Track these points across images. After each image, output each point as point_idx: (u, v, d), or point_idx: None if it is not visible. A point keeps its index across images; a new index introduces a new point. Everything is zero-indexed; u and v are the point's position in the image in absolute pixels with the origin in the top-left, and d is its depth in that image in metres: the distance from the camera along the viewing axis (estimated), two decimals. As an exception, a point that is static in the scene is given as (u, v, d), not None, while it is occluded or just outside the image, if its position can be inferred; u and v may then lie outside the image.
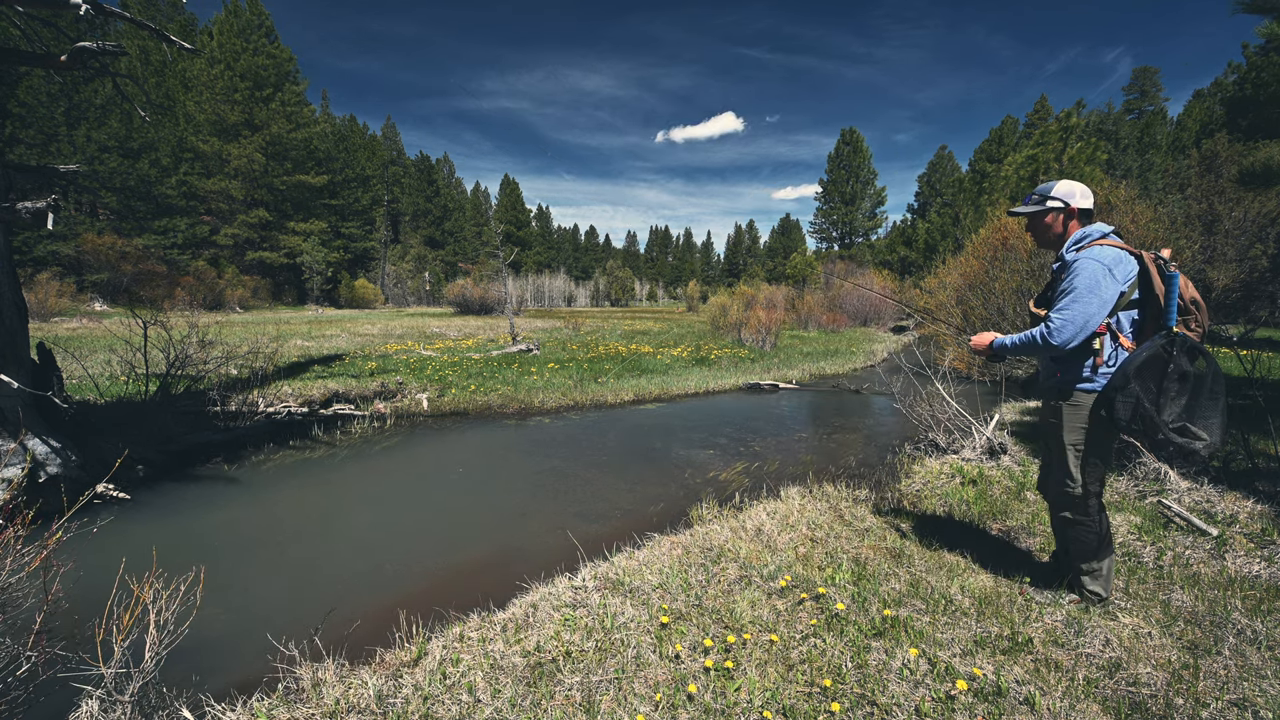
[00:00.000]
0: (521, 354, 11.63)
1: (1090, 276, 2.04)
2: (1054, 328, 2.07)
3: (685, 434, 6.36)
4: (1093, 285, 2.04)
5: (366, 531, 3.77)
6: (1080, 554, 2.33)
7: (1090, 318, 2.04)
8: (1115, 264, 2.05)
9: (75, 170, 4.72)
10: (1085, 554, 2.31)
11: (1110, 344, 2.12)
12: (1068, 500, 2.29)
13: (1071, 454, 2.23)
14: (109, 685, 1.75)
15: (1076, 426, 2.20)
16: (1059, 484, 2.31)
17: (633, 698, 1.86)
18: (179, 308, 18.04)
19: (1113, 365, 2.11)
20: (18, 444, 3.76)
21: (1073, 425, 2.20)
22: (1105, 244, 2.11)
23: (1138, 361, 1.97)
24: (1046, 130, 17.24)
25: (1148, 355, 1.97)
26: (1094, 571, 2.32)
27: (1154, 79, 48.76)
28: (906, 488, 4.12)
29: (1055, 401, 2.25)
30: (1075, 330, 2.05)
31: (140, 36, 30.34)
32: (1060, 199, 2.25)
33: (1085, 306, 2.04)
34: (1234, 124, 17.35)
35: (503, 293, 26.51)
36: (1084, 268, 2.06)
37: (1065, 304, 2.07)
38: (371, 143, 54.58)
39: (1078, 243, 2.20)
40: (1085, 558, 2.32)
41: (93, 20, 4.14)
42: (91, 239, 23.72)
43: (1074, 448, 2.22)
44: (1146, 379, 1.97)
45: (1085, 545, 2.30)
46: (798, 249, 56.98)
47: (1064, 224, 2.27)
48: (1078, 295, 2.05)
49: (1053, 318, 2.09)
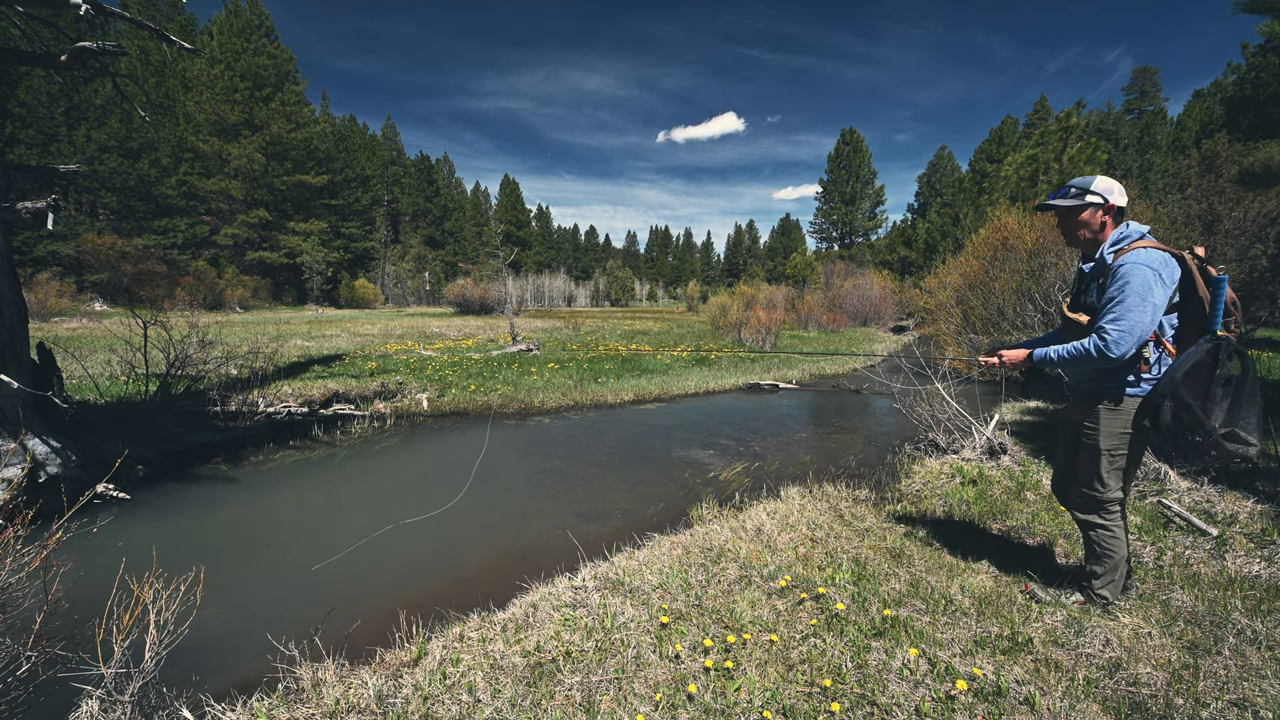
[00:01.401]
0: (521, 354, 11.63)
1: (1142, 283, 1.94)
2: (1111, 340, 1.97)
3: (685, 434, 6.36)
4: (1145, 293, 1.94)
5: (367, 531, 3.77)
6: (1096, 557, 2.30)
7: (1146, 328, 1.96)
8: (1163, 267, 1.97)
9: (75, 170, 4.72)
10: (1102, 557, 2.29)
11: (1155, 350, 2.06)
12: (1093, 504, 2.25)
13: (1106, 459, 2.17)
14: (109, 685, 1.75)
15: (1116, 432, 2.14)
16: (1085, 488, 2.26)
17: (633, 698, 1.86)
18: (179, 308, 18.03)
19: (1157, 370, 2.06)
20: (18, 444, 3.76)
21: (1111, 430, 2.14)
22: (1148, 245, 2.02)
23: (1184, 368, 1.91)
24: (1046, 130, 17.24)
25: (1195, 361, 1.90)
26: (1106, 575, 2.30)
27: (1154, 79, 48.78)
28: (906, 488, 4.12)
29: (1094, 405, 2.17)
30: (1133, 342, 1.96)
31: (140, 36, 30.34)
32: (1100, 194, 2.14)
33: (1141, 316, 1.94)
34: (1234, 124, 17.35)
35: (503, 293, 26.52)
36: (1134, 274, 1.96)
37: (1119, 314, 1.97)
38: (371, 143, 54.58)
39: (1117, 244, 2.10)
40: (1101, 561, 2.29)
41: (93, 20, 4.14)
42: (91, 239, 23.71)
43: (1109, 453, 2.16)
44: (1193, 385, 1.91)
45: (1104, 549, 2.27)
46: (798, 249, 56.99)
47: (1100, 221, 2.17)
48: (1130, 305, 1.95)
49: (1109, 329, 1.98)
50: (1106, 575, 2.30)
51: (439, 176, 60.39)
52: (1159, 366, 2.06)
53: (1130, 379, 2.09)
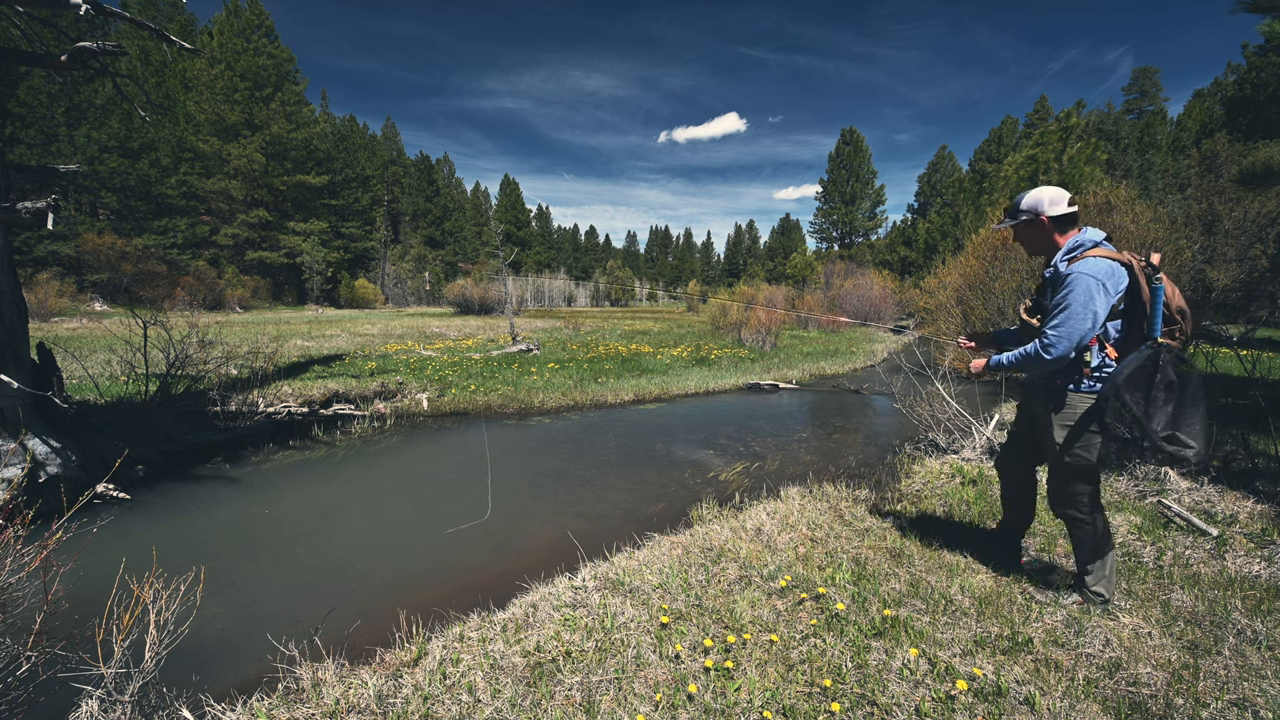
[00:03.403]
0: (521, 354, 11.63)
1: (1085, 292, 2.06)
2: (1049, 343, 2.12)
3: (685, 434, 6.36)
4: (1086, 301, 2.06)
5: (366, 531, 3.77)
6: (1084, 554, 2.35)
7: (1084, 334, 2.08)
8: (1108, 277, 2.07)
9: (75, 170, 4.72)
10: (1086, 553, 2.34)
11: (1097, 353, 2.16)
12: (1064, 500, 2.34)
13: (1066, 455, 2.26)
14: (109, 685, 1.75)
15: (1065, 427, 2.24)
16: (1055, 483, 2.37)
17: (633, 698, 1.86)
18: (179, 308, 18.04)
19: (1098, 371, 2.16)
20: (18, 444, 3.76)
21: (1062, 427, 2.25)
22: (1098, 254, 2.11)
23: (1126, 372, 2.01)
24: (1046, 130, 17.23)
25: (1135, 366, 2.00)
26: (1096, 571, 2.34)
27: (1154, 79, 48.77)
28: (906, 488, 4.12)
29: (1046, 403, 2.31)
30: (1069, 346, 2.10)
31: (140, 36, 30.36)
32: (1029, 210, 2.27)
33: (1080, 323, 2.07)
34: (1234, 124, 17.34)
35: (503, 293, 26.51)
36: (1078, 283, 2.07)
37: (1060, 320, 2.10)
38: (371, 143, 54.57)
39: (1070, 252, 2.19)
40: (1087, 557, 2.34)
41: (93, 20, 4.14)
42: (91, 239, 23.70)
43: (1067, 450, 2.25)
44: (1135, 389, 2.00)
45: (1085, 543, 2.33)
46: (798, 249, 56.99)
47: (1046, 234, 2.28)
48: (1072, 312, 2.07)
49: (1048, 334, 2.13)
50: (1098, 572, 2.34)
51: (439, 176, 60.38)
52: (1104, 369, 2.16)
53: (1075, 378, 2.21)
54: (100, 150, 26.82)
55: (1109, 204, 8.29)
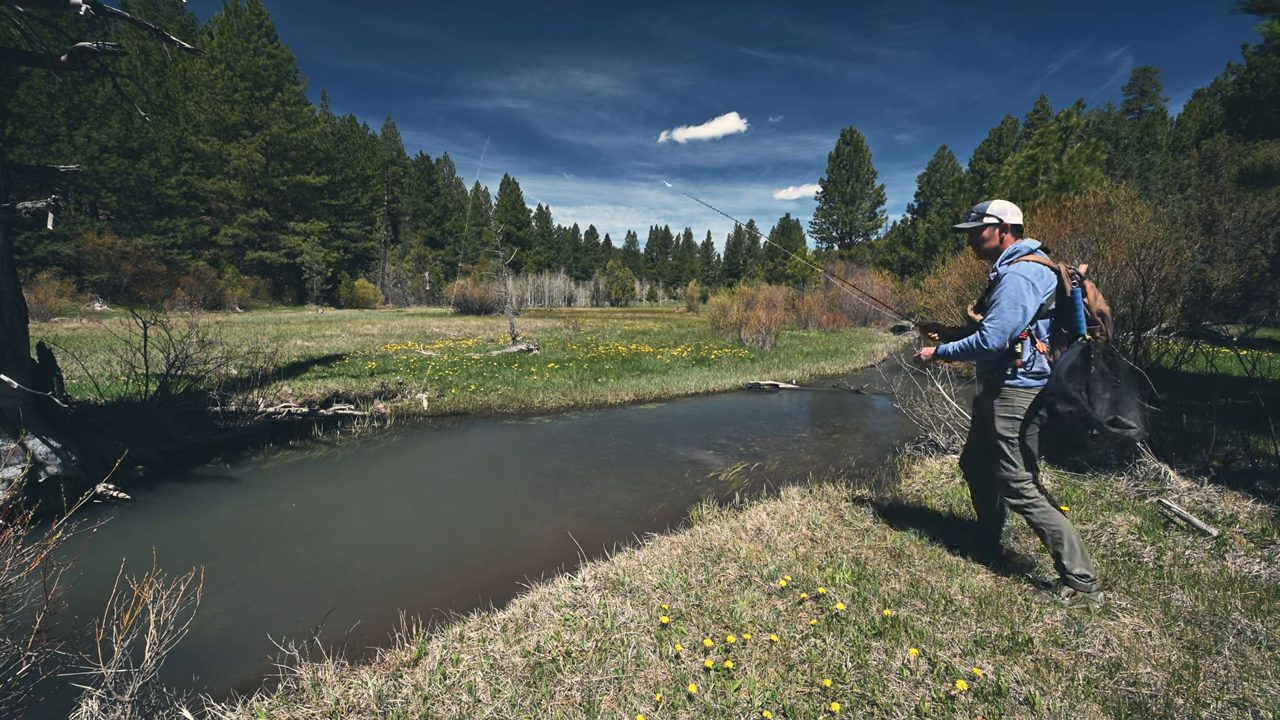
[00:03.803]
0: (521, 354, 11.63)
1: (1016, 289, 2.31)
2: (986, 334, 2.35)
3: (685, 434, 6.36)
4: (1017, 297, 2.31)
5: (366, 531, 3.77)
6: (1048, 540, 2.45)
7: (1015, 326, 2.32)
8: (1037, 278, 2.31)
9: (75, 170, 4.72)
10: (1051, 536, 2.44)
11: (1030, 348, 2.38)
12: (1007, 486, 2.51)
13: (1004, 444, 2.47)
14: (109, 685, 1.75)
15: (1004, 417, 2.45)
16: (997, 470, 2.54)
17: (633, 698, 1.86)
18: (179, 308, 18.04)
19: (1030, 365, 2.39)
20: (18, 444, 3.76)
21: (1002, 416, 2.46)
22: (1031, 259, 2.37)
23: (1065, 367, 2.23)
24: (1046, 130, 17.23)
25: (1072, 361, 2.22)
26: (1070, 556, 2.41)
27: (1154, 79, 48.76)
28: (906, 488, 4.12)
29: (988, 395, 2.54)
30: (1004, 337, 2.33)
31: (140, 36, 30.35)
32: (996, 215, 2.52)
33: (1012, 316, 2.31)
34: (1234, 124, 17.33)
35: (503, 293, 26.52)
36: (1011, 282, 2.33)
37: (995, 314, 2.35)
38: (371, 143, 54.56)
39: (1009, 257, 2.45)
40: (1054, 540, 2.43)
41: (93, 20, 4.14)
42: (91, 239, 23.70)
43: (1004, 437, 2.46)
44: (1075, 381, 2.21)
45: (1047, 527, 2.43)
46: (798, 249, 56.96)
47: (999, 238, 2.54)
48: (1004, 307, 2.32)
49: (986, 326, 2.37)
50: (1070, 556, 2.41)
51: (439, 176, 60.38)
52: (1034, 363, 2.39)
53: (1009, 371, 2.43)
54: (100, 150, 26.82)
55: (1109, 204, 8.28)
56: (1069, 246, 6.91)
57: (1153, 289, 4.69)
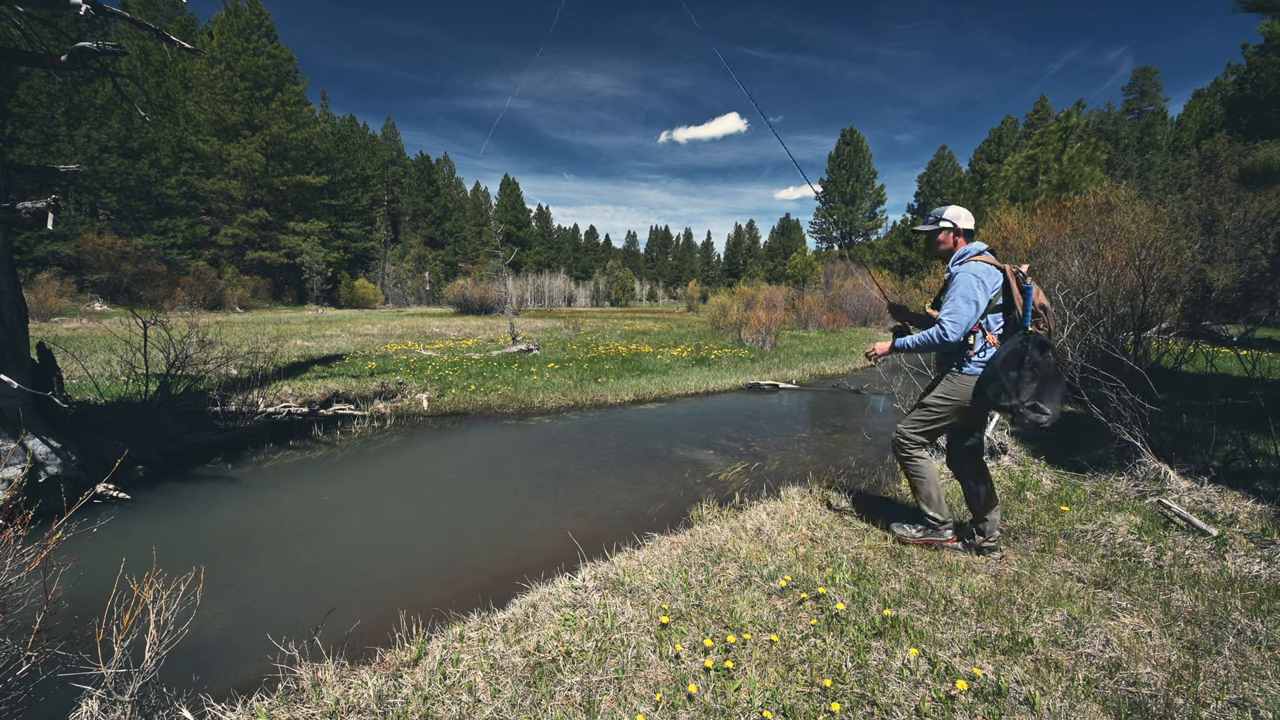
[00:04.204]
0: (521, 354, 11.63)
1: (967, 286, 2.58)
2: (946, 328, 2.59)
3: (685, 434, 6.36)
4: (969, 294, 2.57)
5: (366, 531, 3.77)
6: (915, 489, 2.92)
7: (970, 319, 2.57)
8: (985, 275, 2.59)
9: (75, 170, 4.71)
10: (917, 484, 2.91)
11: (980, 340, 2.65)
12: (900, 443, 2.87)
13: (922, 409, 2.81)
14: (109, 685, 1.75)
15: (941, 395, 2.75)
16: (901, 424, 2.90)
17: (633, 698, 1.86)
18: (179, 308, 18.03)
19: (981, 355, 2.64)
20: (18, 444, 3.76)
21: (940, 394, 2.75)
22: (979, 260, 2.64)
23: (1003, 355, 2.48)
24: (1046, 130, 17.23)
25: (1009, 350, 2.48)
26: (929, 504, 2.89)
27: (1154, 79, 48.76)
28: (907, 487, 4.12)
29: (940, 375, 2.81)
30: (961, 330, 2.57)
31: (140, 36, 30.36)
32: (950, 220, 2.79)
33: (966, 311, 2.57)
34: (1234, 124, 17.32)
35: (503, 293, 26.53)
36: (962, 280, 2.59)
37: (951, 309, 2.60)
38: (371, 143, 54.57)
39: (960, 258, 2.72)
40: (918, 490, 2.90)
41: (93, 20, 4.14)
42: (91, 239, 23.70)
43: (927, 407, 2.80)
44: (1009, 368, 2.47)
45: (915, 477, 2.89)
46: (798, 249, 56.97)
47: (953, 241, 2.80)
48: (958, 303, 2.58)
49: (944, 320, 2.60)
50: (928, 502, 2.89)
51: (439, 176, 60.38)
52: (984, 353, 2.64)
53: (960, 360, 2.69)
54: (100, 150, 26.82)
55: (1109, 204, 8.29)
56: (1069, 246, 6.91)
57: (1153, 289, 4.69)
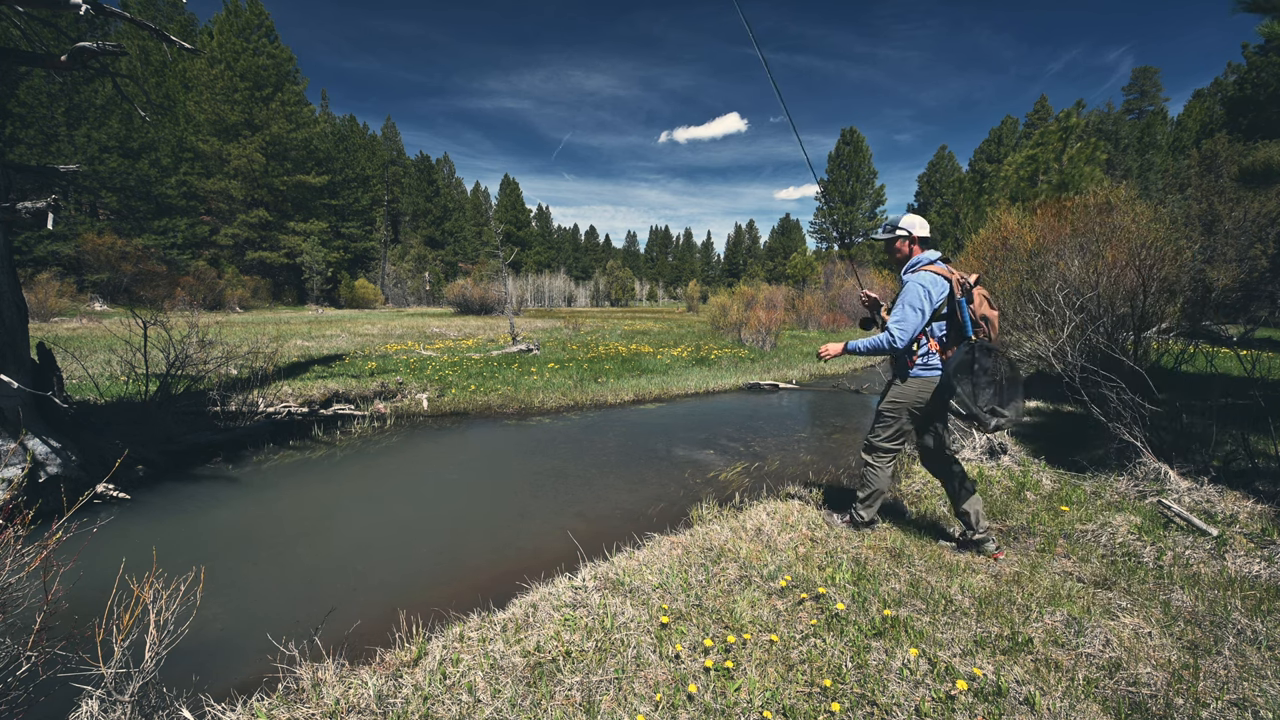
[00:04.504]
0: (521, 354, 11.63)
1: (914, 294, 2.69)
2: (894, 334, 2.71)
3: (685, 434, 6.36)
4: (915, 302, 2.68)
5: (366, 531, 3.77)
6: (861, 487, 3.09)
7: (916, 326, 2.69)
8: (932, 285, 2.69)
9: (75, 170, 4.71)
10: (864, 487, 3.07)
11: (924, 345, 2.77)
12: (869, 447, 3.02)
13: (883, 415, 2.94)
14: (109, 685, 1.75)
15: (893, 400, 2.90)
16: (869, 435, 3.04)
17: (633, 698, 1.86)
18: (179, 308, 18.04)
19: (925, 360, 2.77)
20: (18, 444, 3.76)
21: (892, 399, 2.90)
22: (928, 269, 2.73)
23: (953, 365, 2.59)
24: (1046, 130, 17.21)
25: (958, 360, 2.58)
26: (865, 501, 3.09)
27: (1154, 79, 48.77)
28: (906, 488, 4.12)
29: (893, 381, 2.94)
30: (906, 334, 2.69)
31: (140, 36, 30.36)
32: (905, 229, 2.91)
33: (912, 316, 2.68)
34: (1234, 124, 17.33)
35: (503, 293, 26.53)
36: (910, 289, 2.71)
37: (898, 316, 2.71)
38: (371, 143, 54.57)
39: (912, 266, 2.83)
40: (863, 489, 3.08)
41: (93, 20, 4.14)
42: (91, 239, 23.69)
43: (883, 413, 2.95)
44: (962, 376, 2.58)
45: (868, 481, 3.05)
46: (798, 249, 56.96)
47: (909, 248, 2.91)
48: (905, 311, 2.69)
49: (891, 326, 2.73)
50: (866, 501, 3.10)
51: (439, 176, 60.40)
52: (927, 358, 2.77)
53: (905, 366, 2.82)
54: (100, 150, 26.82)
55: (1109, 204, 8.29)
56: (1069, 246, 6.90)
57: (1153, 289, 4.69)
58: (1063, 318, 5.06)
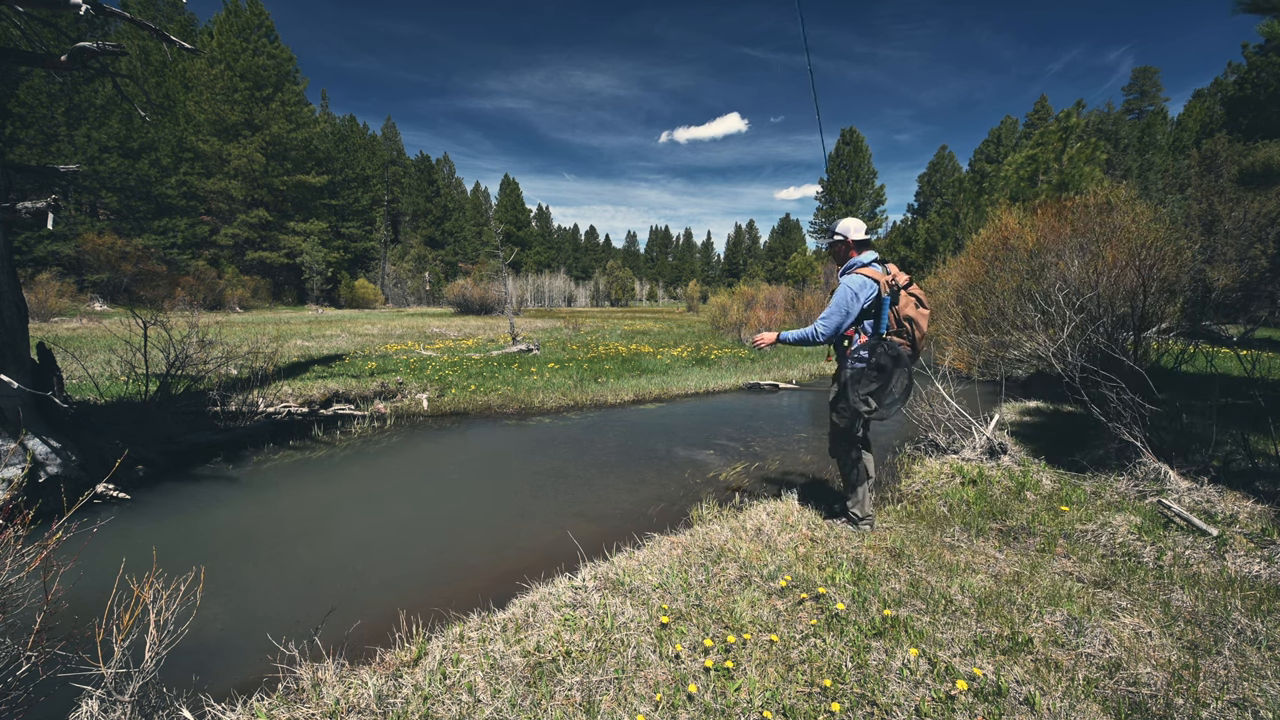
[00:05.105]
0: (521, 354, 11.63)
1: (842, 296, 2.94)
2: (818, 329, 2.99)
3: (685, 434, 6.36)
4: (842, 302, 2.93)
5: (366, 531, 3.77)
6: (847, 487, 3.25)
7: (840, 324, 2.96)
8: (860, 287, 2.92)
9: (75, 170, 4.71)
10: (848, 488, 3.24)
11: (856, 341, 2.99)
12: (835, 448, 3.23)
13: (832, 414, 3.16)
14: (109, 685, 1.75)
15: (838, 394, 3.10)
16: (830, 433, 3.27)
17: (633, 698, 1.86)
18: (179, 308, 18.04)
19: (856, 353, 2.96)
20: (18, 444, 3.76)
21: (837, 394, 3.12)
22: (860, 272, 2.95)
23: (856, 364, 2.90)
24: (1046, 130, 17.21)
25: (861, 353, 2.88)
26: (854, 500, 3.21)
27: (1154, 79, 48.77)
28: (906, 488, 4.12)
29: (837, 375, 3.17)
30: (829, 332, 2.97)
31: (140, 36, 30.35)
32: (842, 233, 3.12)
33: (837, 316, 2.95)
34: (1234, 124, 17.32)
35: (503, 293, 26.53)
36: (840, 290, 2.95)
37: (827, 314, 2.98)
38: (371, 143, 54.58)
39: (847, 269, 3.02)
40: (850, 489, 3.22)
41: (93, 20, 4.14)
42: (91, 239, 23.68)
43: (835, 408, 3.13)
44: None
45: (848, 482, 3.22)
46: (798, 249, 56.95)
47: (846, 251, 3.11)
48: (832, 309, 2.96)
49: (818, 322, 3.00)
50: (854, 500, 3.21)
51: (439, 176, 60.38)
52: (859, 352, 2.96)
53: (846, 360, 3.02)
54: (100, 150, 26.81)
55: (1109, 204, 8.28)
56: (1069, 246, 6.90)
57: (1153, 289, 4.69)
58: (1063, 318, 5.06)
